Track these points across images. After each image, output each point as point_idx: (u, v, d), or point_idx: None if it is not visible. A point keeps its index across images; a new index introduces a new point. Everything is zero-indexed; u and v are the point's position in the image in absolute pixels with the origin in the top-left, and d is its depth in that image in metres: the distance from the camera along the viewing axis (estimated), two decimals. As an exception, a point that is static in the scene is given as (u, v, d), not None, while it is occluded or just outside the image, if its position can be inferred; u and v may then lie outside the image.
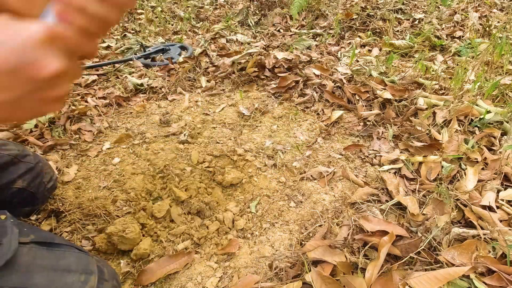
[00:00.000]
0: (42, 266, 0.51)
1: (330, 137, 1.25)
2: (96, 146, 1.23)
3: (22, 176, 0.78)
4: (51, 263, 0.53)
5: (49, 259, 0.53)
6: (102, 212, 0.94)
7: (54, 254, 0.55)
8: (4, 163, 0.75)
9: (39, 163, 0.84)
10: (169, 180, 1.07)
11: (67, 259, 0.55)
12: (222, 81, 1.68)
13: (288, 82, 1.52)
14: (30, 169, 0.81)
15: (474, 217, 0.82)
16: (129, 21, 2.83)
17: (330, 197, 0.96)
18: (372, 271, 0.70)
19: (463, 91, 1.33)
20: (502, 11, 2.46)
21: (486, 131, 1.12)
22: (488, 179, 0.94)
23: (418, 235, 0.79)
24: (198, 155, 1.14)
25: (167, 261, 0.81)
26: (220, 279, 0.78)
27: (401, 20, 2.32)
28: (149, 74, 1.70)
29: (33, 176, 0.81)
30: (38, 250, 0.53)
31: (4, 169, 0.75)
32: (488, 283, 0.68)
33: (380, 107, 1.33)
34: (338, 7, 2.56)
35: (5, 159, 0.75)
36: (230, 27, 2.57)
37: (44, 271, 0.50)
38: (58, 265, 0.53)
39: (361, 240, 0.79)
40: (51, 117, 1.33)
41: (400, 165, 1.04)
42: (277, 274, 0.76)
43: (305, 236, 0.86)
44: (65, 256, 0.56)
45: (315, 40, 2.19)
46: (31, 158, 0.83)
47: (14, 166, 0.77)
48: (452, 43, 1.98)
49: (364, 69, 1.53)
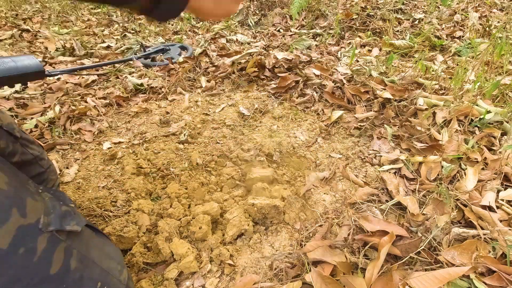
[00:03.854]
0: (95, 244, 0.57)
1: (330, 137, 1.25)
2: (96, 146, 1.23)
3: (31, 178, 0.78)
4: (99, 245, 0.59)
5: (98, 241, 0.59)
6: (102, 212, 0.94)
7: (100, 240, 0.61)
8: (25, 161, 0.76)
9: (48, 169, 0.85)
10: (169, 180, 1.07)
11: (109, 247, 0.62)
12: (222, 81, 1.68)
13: (288, 82, 1.52)
14: (40, 173, 0.81)
15: (474, 217, 0.82)
16: (129, 21, 2.83)
17: (330, 197, 0.96)
18: (372, 271, 0.70)
19: (463, 91, 1.33)
20: (502, 11, 2.46)
21: (486, 131, 1.12)
22: (488, 179, 0.94)
23: (418, 235, 0.79)
24: (198, 155, 1.14)
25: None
26: (220, 279, 0.78)
27: (401, 20, 2.32)
28: (149, 74, 1.70)
29: (39, 181, 0.82)
30: (91, 232, 0.59)
31: (25, 168, 0.76)
32: (488, 283, 0.68)
33: (380, 107, 1.33)
34: (338, 7, 2.56)
35: (28, 157, 0.76)
36: (230, 27, 2.57)
37: (96, 249, 0.57)
38: (104, 249, 0.59)
39: (361, 240, 0.79)
40: (51, 117, 1.33)
41: (400, 165, 1.04)
42: (277, 275, 0.76)
43: (305, 236, 0.86)
44: (107, 244, 0.62)
45: (315, 40, 2.19)
46: (45, 162, 0.83)
47: (30, 167, 0.78)
48: (452, 43, 1.98)
49: (364, 69, 1.53)
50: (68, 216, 0.52)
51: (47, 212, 0.49)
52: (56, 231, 0.48)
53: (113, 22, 2.81)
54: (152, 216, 0.93)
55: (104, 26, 2.73)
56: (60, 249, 0.48)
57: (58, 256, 0.47)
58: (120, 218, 0.90)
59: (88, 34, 2.54)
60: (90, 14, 3.04)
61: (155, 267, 0.82)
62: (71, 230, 0.50)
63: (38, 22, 2.73)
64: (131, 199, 0.99)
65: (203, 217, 0.88)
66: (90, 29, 2.63)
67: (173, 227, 0.88)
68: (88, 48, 2.18)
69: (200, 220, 0.87)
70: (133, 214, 0.91)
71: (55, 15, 2.90)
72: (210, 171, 1.09)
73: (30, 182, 0.53)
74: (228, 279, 0.78)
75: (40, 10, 3.08)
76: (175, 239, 0.84)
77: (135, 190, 1.01)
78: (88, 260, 0.53)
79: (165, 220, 0.89)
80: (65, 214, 0.52)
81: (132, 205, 0.95)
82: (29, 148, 0.77)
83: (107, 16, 2.94)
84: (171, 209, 0.94)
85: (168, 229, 0.87)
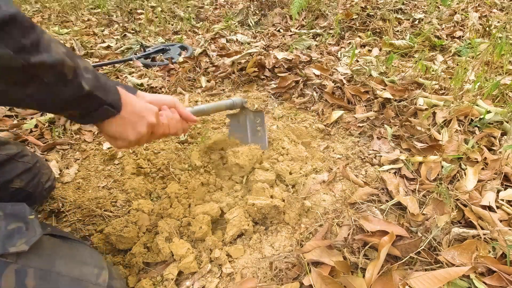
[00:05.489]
0: (61, 255, 0.55)
1: (330, 137, 1.25)
2: (96, 146, 1.23)
3: (20, 176, 0.79)
4: (69, 253, 0.57)
5: (66, 250, 0.57)
6: (102, 212, 0.94)
7: (70, 247, 0.59)
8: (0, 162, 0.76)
9: (37, 163, 0.85)
10: (169, 180, 1.07)
11: (82, 252, 0.60)
12: (222, 81, 1.68)
13: (288, 82, 1.52)
14: (28, 169, 0.81)
15: (474, 217, 0.82)
16: (129, 21, 2.83)
17: (330, 197, 0.96)
18: (372, 271, 0.70)
19: (463, 91, 1.33)
20: (502, 11, 2.46)
21: (486, 131, 1.12)
22: (488, 179, 0.94)
23: (418, 235, 0.79)
24: (198, 155, 1.14)
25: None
26: (220, 280, 0.78)
27: (401, 20, 2.32)
28: (149, 74, 1.70)
29: (31, 176, 0.82)
30: (56, 241, 0.58)
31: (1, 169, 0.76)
32: (488, 283, 0.68)
33: (380, 107, 1.33)
34: (338, 7, 2.56)
35: (1, 158, 0.76)
36: (230, 27, 2.57)
37: (63, 259, 0.54)
38: (75, 256, 0.57)
39: (361, 240, 0.79)
40: (51, 117, 1.33)
41: (400, 165, 1.04)
42: (277, 275, 0.76)
43: (305, 236, 0.86)
44: (79, 250, 0.60)
45: (315, 40, 2.19)
46: (29, 158, 0.83)
47: (12, 166, 0.78)
48: (452, 43, 1.98)
49: (364, 69, 1.53)
50: (16, 234, 0.50)
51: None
52: (0, 255, 0.46)
53: (113, 22, 2.81)
54: (152, 216, 0.93)
55: (104, 26, 2.73)
56: (9, 273, 0.46)
57: (7, 280, 0.46)
58: (120, 218, 0.90)
59: (88, 34, 2.54)
60: (90, 14, 3.04)
61: (155, 267, 0.82)
62: (16, 251, 0.48)
63: (38, 22, 2.73)
64: (131, 199, 0.99)
65: (203, 217, 0.88)
66: (90, 29, 2.63)
67: (173, 227, 0.88)
68: (88, 48, 2.18)
69: (200, 220, 0.87)
70: (133, 214, 0.91)
71: (55, 15, 2.90)
72: (209, 171, 1.09)
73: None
74: (228, 279, 0.78)
75: (40, 10, 3.08)
76: (175, 239, 0.84)
77: (135, 190, 1.01)
78: (51, 274, 0.51)
79: (165, 220, 0.89)
80: (12, 233, 0.50)
81: (132, 205, 0.95)
82: (2, 150, 0.77)
83: (107, 16, 2.94)
84: (171, 209, 0.94)
85: (168, 229, 0.87)
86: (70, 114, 0.54)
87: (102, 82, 0.54)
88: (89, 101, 0.52)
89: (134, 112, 0.61)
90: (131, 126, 0.61)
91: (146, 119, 0.63)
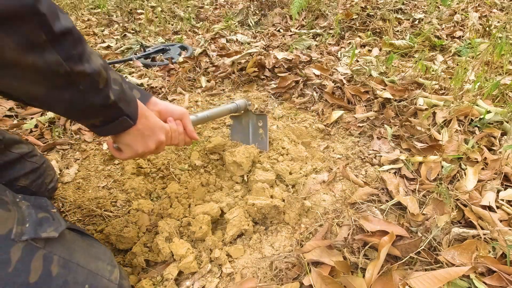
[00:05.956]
0: (79, 248, 0.58)
1: (330, 137, 1.25)
2: (96, 146, 1.23)
3: (26, 175, 0.81)
4: (86, 248, 0.60)
5: (83, 244, 0.60)
6: (102, 212, 0.94)
7: (86, 242, 0.62)
8: (11, 160, 0.78)
9: (44, 164, 0.87)
10: (169, 180, 1.07)
11: (97, 249, 0.62)
12: (222, 81, 1.68)
13: (288, 82, 1.52)
14: (35, 169, 0.83)
15: (474, 217, 0.82)
16: (129, 21, 2.83)
17: (330, 197, 0.96)
18: (372, 271, 0.70)
19: (463, 91, 1.33)
20: (502, 11, 2.46)
21: (486, 131, 1.12)
22: (488, 179, 0.94)
23: (418, 235, 0.79)
24: (198, 155, 1.14)
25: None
26: (220, 280, 0.78)
27: (401, 20, 2.32)
28: (149, 74, 1.70)
29: (36, 176, 0.84)
30: (75, 235, 0.60)
31: (11, 167, 0.78)
32: (488, 283, 0.68)
33: (380, 107, 1.33)
34: (338, 7, 2.56)
35: (14, 156, 0.79)
36: (230, 27, 2.57)
37: (81, 252, 0.57)
38: (90, 251, 0.60)
39: (361, 240, 0.79)
40: (51, 117, 1.33)
41: (400, 165, 1.04)
42: (277, 275, 0.76)
43: (305, 236, 0.86)
44: (94, 246, 0.63)
45: (315, 40, 2.19)
46: (38, 158, 0.86)
47: (21, 164, 0.80)
48: (452, 43, 1.98)
49: (364, 69, 1.53)
50: (45, 223, 0.52)
51: (21, 221, 0.49)
52: (32, 239, 0.48)
53: (113, 22, 2.81)
54: (152, 216, 0.93)
55: (104, 26, 2.72)
56: (38, 257, 0.48)
57: (36, 264, 0.48)
58: (120, 218, 0.90)
59: (88, 34, 2.54)
60: (90, 14, 3.04)
61: (155, 267, 0.82)
62: (47, 237, 0.51)
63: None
64: (131, 199, 0.99)
65: (203, 217, 0.88)
66: (90, 29, 2.63)
67: (173, 227, 0.88)
68: (88, 48, 2.18)
69: (200, 220, 0.87)
70: (133, 214, 0.91)
71: (55, 15, 2.90)
72: (209, 171, 1.09)
73: (8, 192, 0.54)
74: (228, 279, 0.78)
75: (40, 10, 3.07)
76: (175, 239, 0.84)
77: (135, 190, 1.01)
78: (71, 264, 0.53)
79: (165, 220, 0.89)
80: (42, 221, 0.52)
81: (132, 205, 0.95)
82: (14, 148, 0.79)
83: (107, 16, 2.94)
84: (171, 209, 0.94)
85: (168, 229, 0.86)
86: (92, 124, 0.57)
87: (126, 94, 0.58)
88: (111, 111, 0.55)
89: (148, 126, 0.64)
90: (141, 139, 0.64)
91: (157, 135, 0.67)
